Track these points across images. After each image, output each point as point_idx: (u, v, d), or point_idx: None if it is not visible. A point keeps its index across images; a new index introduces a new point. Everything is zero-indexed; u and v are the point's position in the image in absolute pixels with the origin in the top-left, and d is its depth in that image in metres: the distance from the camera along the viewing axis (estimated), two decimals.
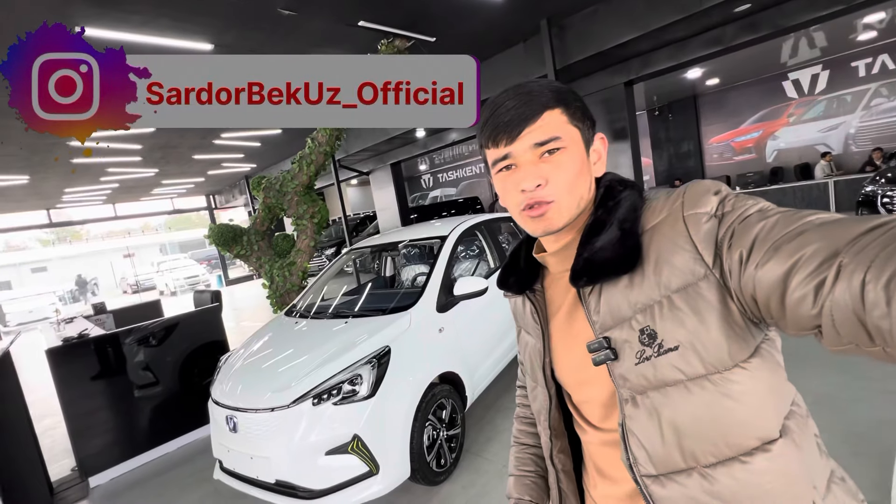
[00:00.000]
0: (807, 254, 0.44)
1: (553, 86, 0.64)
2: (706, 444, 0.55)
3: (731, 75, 10.76)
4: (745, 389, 0.54)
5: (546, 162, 0.61)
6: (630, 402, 0.60)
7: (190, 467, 3.12)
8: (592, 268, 0.61)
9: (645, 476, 0.59)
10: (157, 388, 3.40)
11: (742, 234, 0.51)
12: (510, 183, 0.64)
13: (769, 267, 0.47)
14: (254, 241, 5.48)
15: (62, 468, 3.34)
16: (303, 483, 2.05)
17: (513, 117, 0.61)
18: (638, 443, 0.59)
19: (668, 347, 0.55)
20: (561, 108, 0.62)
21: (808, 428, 0.59)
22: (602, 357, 0.61)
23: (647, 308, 0.57)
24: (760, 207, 0.53)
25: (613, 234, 0.61)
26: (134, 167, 11.11)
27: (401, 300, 2.82)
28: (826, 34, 8.58)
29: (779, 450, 0.54)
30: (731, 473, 0.54)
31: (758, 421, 0.54)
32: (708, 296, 0.54)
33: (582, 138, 0.64)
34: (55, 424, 4.11)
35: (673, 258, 0.56)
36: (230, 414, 2.25)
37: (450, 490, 2.38)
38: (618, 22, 5.53)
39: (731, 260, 0.51)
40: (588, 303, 0.63)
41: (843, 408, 2.41)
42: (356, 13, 4.91)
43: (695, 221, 0.56)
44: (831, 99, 10.43)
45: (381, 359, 2.25)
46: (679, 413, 0.56)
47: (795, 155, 11.14)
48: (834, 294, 0.41)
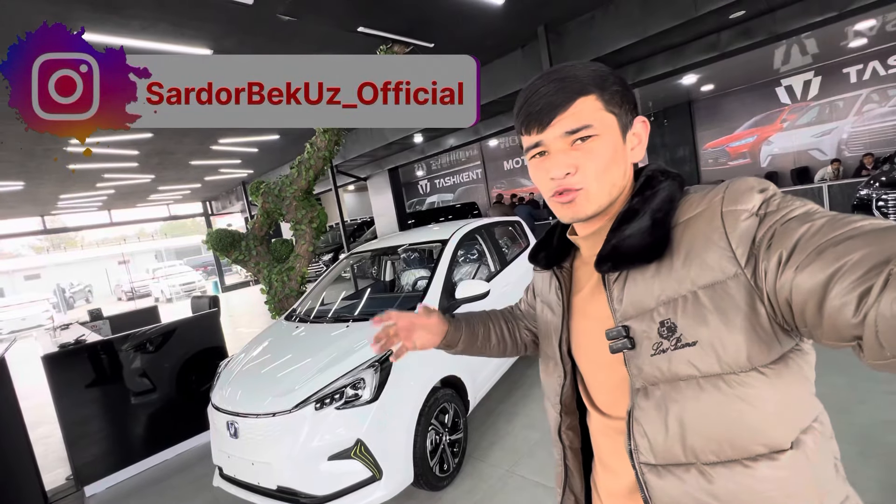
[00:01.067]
0: (853, 260, 0.42)
1: (590, 69, 0.62)
2: (709, 442, 0.54)
3: (725, 81, 10.89)
4: (760, 395, 0.52)
5: (577, 149, 0.61)
6: (641, 391, 0.60)
7: (188, 475, 3.07)
8: (617, 254, 0.60)
9: (643, 464, 0.60)
10: (155, 394, 3.36)
11: (783, 236, 0.49)
12: (542, 170, 0.64)
13: (810, 271, 0.45)
14: (252, 247, 5.46)
15: (56, 477, 3.28)
16: (305, 489, 2.02)
17: (544, 105, 0.61)
18: (642, 432, 0.59)
19: (687, 342, 0.55)
20: (596, 94, 0.61)
21: (827, 449, 0.57)
22: (619, 345, 0.61)
23: (671, 301, 0.56)
24: (807, 210, 0.51)
25: (644, 223, 0.60)
26: (130, 173, 11.06)
27: (402, 304, 2.81)
28: (818, 41, 8.70)
29: (787, 461, 0.53)
30: (731, 475, 0.54)
31: (768, 428, 0.53)
32: (735, 296, 0.52)
33: (619, 124, 0.63)
34: (49, 433, 4.05)
35: (705, 254, 0.55)
36: (231, 419, 2.22)
37: (453, 495, 2.35)
38: (614, 28, 5.59)
39: (768, 261, 0.49)
40: (612, 290, 0.63)
41: (849, 409, 2.41)
42: (355, 19, 4.93)
43: (733, 218, 0.54)
44: (824, 105, 10.57)
45: (382, 363, 2.23)
46: (688, 409, 0.55)
47: (790, 160, 11.26)
48: (880, 304, 0.39)
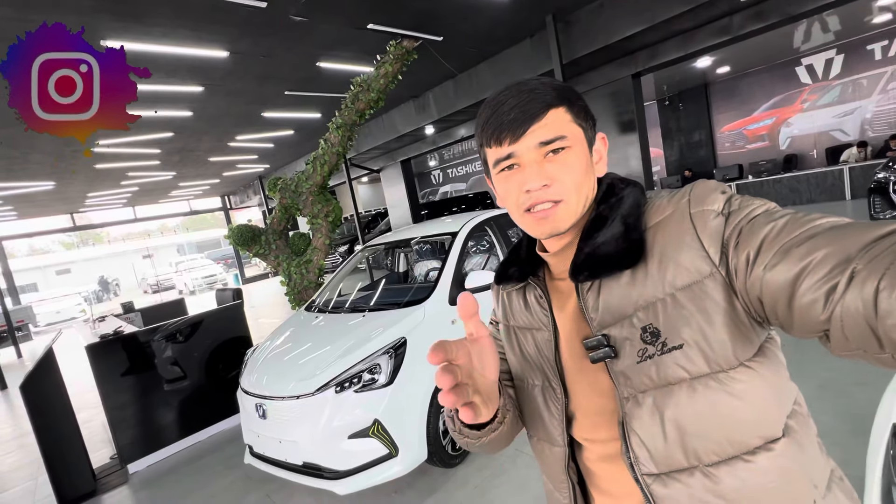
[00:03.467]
0: (817, 258, 0.44)
1: (555, 84, 0.62)
2: (709, 442, 0.54)
3: (742, 63, 10.62)
4: (750, 388, 0.53)
5: (551, 162, 0.60)
6: (631, 400, 0.58)
7: (220, 455, 3.31)
8: (594, 262, 0.59)
9: (646, 475, 0.58)
10: (186, 381, 3.60)
11: (750, 235, 0.50)
12: (513, 183, 0.61)
13: (778, 270, 0.46)
14: (272, 241, 5.68)
15: (102, 456, 3.57)
16: (328, 464, 2.21)
17: (517, 115, 0.59)
18: (639, 441, 0.58)
19: (672, 346, 0.54)
20: (565, 107, 0.60)
21: (809, 428, 0.58)
22: (601, 354, 0.59)
23: (649, 305, 0.56)
24: (767, 208, 0.53)
25: (616, 229, 0.60)
26: (153, 170, 11.45)
27: (415, 294, 2.96)
28: (840, 18, 8.43)
29: (781, 449, 0.53)
30: (735, 472, 0.53)
31: (761, 420, 0.54)
32: (714, 294, 0.53)
33: (585, 137, 0.62)
34: (90, 417, 4.37)
35: (678, 255, 0.55)
36: (259, 402, 2.42)
37: (465, 472, 2.52)
38: (624, 15, 5.56)
39: (737, 260, 0.51)
40: (586, 299, 0.61)
41: (846, 391, 2.48)
42: (365, 17, 5.04)
43: (702, 219, 0.55)
44: (846, 84, 10.24)
45: (397, 349, 2.39)
46: (683, 412, 0.55)
47: (811, 141, 10.97)
48: (845, 300, 0.41)
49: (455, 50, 6.56)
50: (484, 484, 2.39)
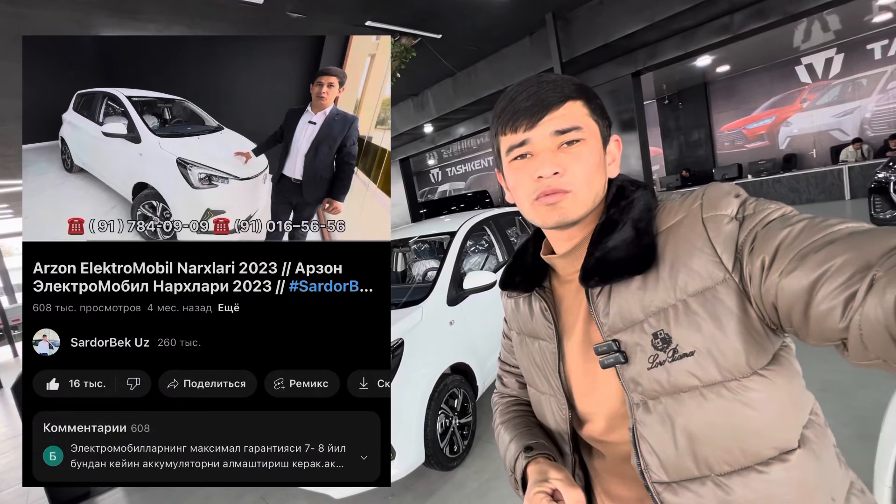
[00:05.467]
0: (836, 265, 0.42)
1: (575, 79, 0.63)
2: (721, 451, 0.53)
3: (742, 62, 10.61)
4: (764, 398, 0.52)
5: (564, 152, 0.59)
6: (641, 406, 0.57)
7: None
8: (605, 267, 0.59)
9: (657, 483, 0.57)
10: None
11: (765, 240, 0.49)
12: (525, 171, 0.61)
13: (794, 276, 0.45)
14: None
15: None
16: None
17: (535, 102, 0.59)
18: (650, 449, 0.57)
19: (684, 353, 0.53)
20: (583, 101, 0.61)
21: (826, 438, 0.56)
22: (612, 360, 0.58)
23: (660, 311, 0.55)
24: (783, 213, 0.51)
25: (627, 234, 0.59)
26: None
27: (413, 294, 2.92)
28: (840, 17, 8.41)
29: (797, 460, 0.52)
30: (747, 483, 0.52)
31: (776, 430, 0.52)
32: (727, 301, 0.52)
33: (600, 134, 0.62)
34: None
35: (691, 261, 0.54)
36: None
37: (463, 475, 2.49)
38: (623, 13, 5.53)
39: (752, 266, 0.50)
40: (596, 304, 0.61)
41: (850, 393, 2.46)
42: (363, 14, 4.99)
43: (715, 223, 0.53)
44: (846, 83, 10.24)
45: (395, 350, 2.36)
46: (694, 420, 0.54)
47: (810, 141, 10.97)
48: (864, 308, 0.40)
49: (454, 48, 6.52)
50: (482, 487, 2.36)
